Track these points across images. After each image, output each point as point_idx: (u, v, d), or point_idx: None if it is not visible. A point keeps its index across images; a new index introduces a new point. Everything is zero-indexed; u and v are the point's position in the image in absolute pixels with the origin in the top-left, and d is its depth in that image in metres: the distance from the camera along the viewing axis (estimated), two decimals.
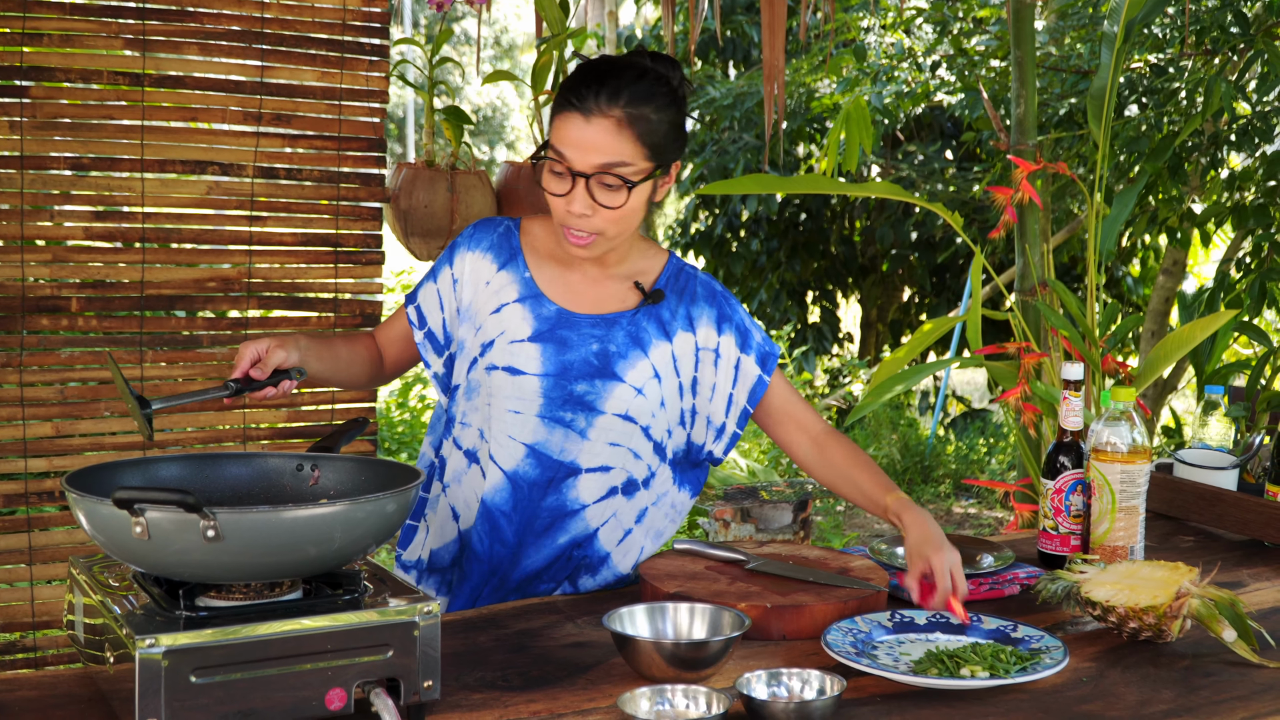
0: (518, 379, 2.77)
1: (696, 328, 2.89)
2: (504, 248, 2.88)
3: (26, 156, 4.10)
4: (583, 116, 2.65)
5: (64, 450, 4.23)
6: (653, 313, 2.86)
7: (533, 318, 2.81)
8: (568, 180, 2.67)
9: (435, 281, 2.92)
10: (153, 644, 1.81)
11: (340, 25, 4.46)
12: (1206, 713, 2.13)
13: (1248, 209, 6.88)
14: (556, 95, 2.72)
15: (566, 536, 2.82)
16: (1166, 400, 9.59)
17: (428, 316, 2.92)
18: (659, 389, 2.82)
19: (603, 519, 2.84)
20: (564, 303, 2.83)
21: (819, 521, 8.92)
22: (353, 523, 1.98)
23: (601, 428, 2.79)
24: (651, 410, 2.82)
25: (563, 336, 2.79)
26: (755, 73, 12.32)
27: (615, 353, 2.79)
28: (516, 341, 2.79)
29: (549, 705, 2.10)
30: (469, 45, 29.48)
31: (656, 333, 2.84)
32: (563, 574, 2.86)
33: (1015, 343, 3.89)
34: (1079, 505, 2.92)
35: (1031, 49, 5.10)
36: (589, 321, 2.82)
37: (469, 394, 2.85)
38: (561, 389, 2.77)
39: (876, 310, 13.98)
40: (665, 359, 2.84)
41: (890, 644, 2.39)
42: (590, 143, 2.65)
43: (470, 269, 2.88)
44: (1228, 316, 4.01)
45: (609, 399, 2.78)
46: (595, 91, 2.66)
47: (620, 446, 2.81)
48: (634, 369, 2.80)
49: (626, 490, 2.85)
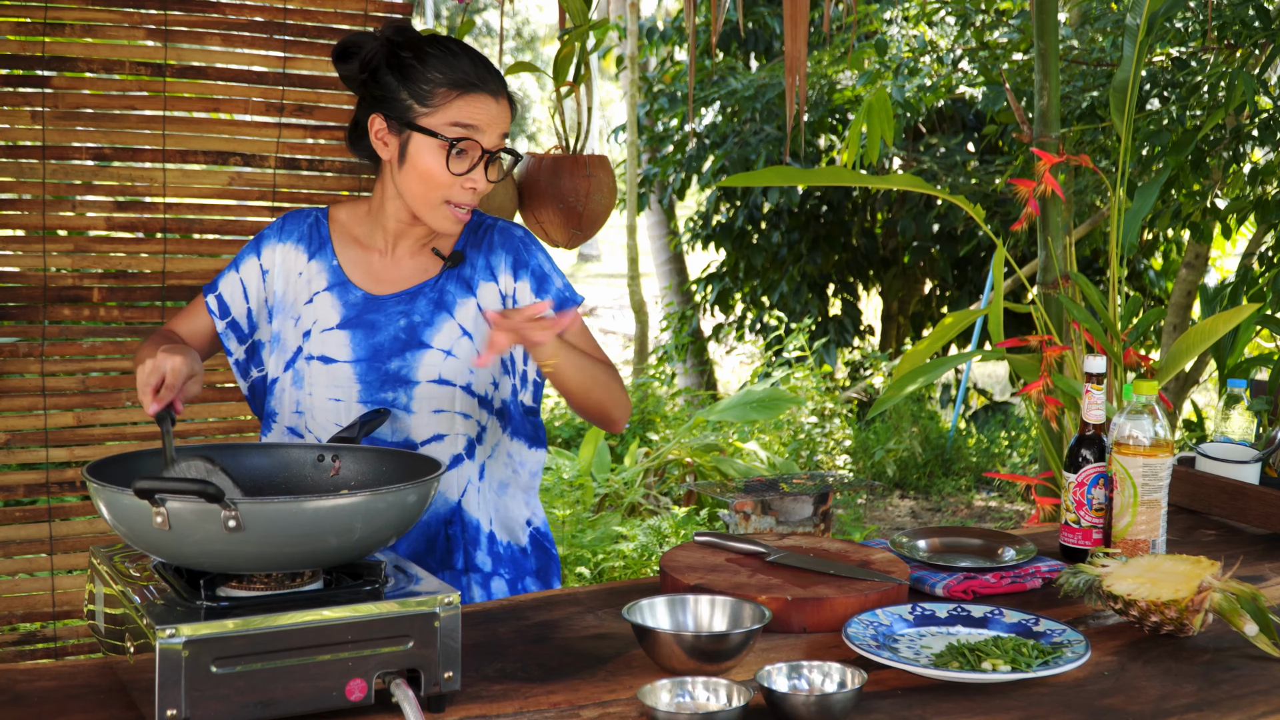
0: (331, 367, 2.82)
1: (498, 275, 2.92)
2: (314, 237, 2.93)
3: (48, 146, 4.11)
4: (493, 97, 2.77)
5: (85, 440, 4.23)
6: (454, 274, 2.90)
7: (341, 305, 2.86)
8: (473, 158, 2.75)
9: (238, 271, 2.94)
10: (173, 634, 1.82)
11: (362, 16, 4.46)
12: (1228, 707, 2.12)
13: (1270, 203, 6.86)
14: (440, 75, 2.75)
15: (431, 513, 2.85)
16: (1188, 394, 9.57)
17: (231, 306, 2.93)
18: (471, 345, 2.85)
19: (460, 489, 2.87)
20: (368, 287, 2.88)
21: (840, 514, 8.92)
22: (374, 514, 1.98)
23: (421, 398, 2.82)
24: (467, 367, 2.85)
25: (370, 320, 2.84)
26: (777, 64, 12.30)
27: (420, 322, 2.84)
28: (327, 330, 2.85)
29: (569, 696, 2.10)
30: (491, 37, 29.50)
31: (460, 291, 2.88)
32: (453, 556, 2.87)
33: (1037, 336, 3.88)
34: (1101, 499, 2.91)
35: (1054, 41, 5.08)
36: (393, 300, 2.87)
37: (298, 384, 2.87)
38: (376, 371, 2.81)
39: (898, 303, 13.95)
40: (472, 314, 2.87)
41: (911, 637, 2.38)
42: (500, 121, 2.78)
43: (280, 260, 2.92)
44: (1250, 310, 4.00)
45: (420, 368, 2.82)
46: (493, 74, 2.78)
47: (445, 412, 2.84)
48: (440, 333, 2.84)
49: (470, 453, 2.88)
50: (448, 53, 2.76)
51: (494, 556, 2.91)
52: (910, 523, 9.23)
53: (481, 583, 2.89)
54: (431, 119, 2.73)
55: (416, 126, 2.74)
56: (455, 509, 2.87)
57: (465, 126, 2.73)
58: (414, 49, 2.77)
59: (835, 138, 12.46)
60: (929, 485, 10.21)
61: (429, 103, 2.74)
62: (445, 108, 2.73)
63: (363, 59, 2.82)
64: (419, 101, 2.74)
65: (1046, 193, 3.98)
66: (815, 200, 12.88)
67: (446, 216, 2.79)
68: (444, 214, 2.79)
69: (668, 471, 9.00)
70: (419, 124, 2.74)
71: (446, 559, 2.87)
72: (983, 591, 2.69)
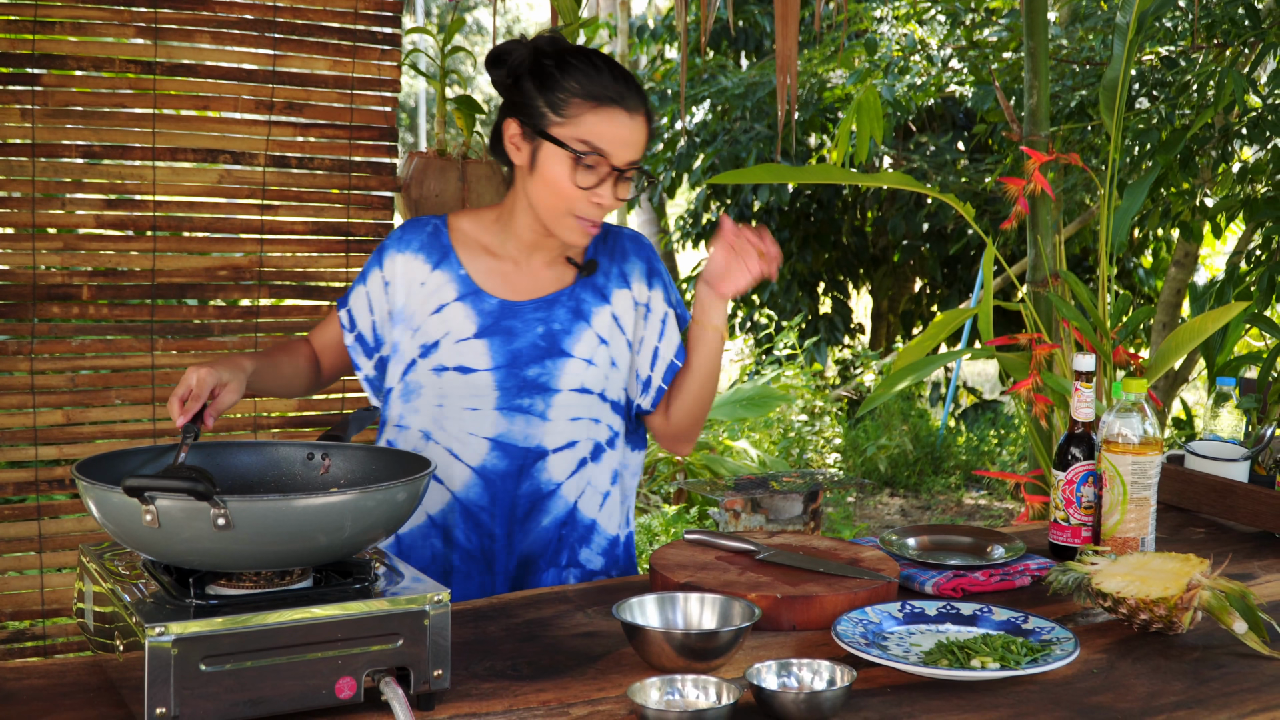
0: (469, 377, 2.81)
1: (631, 282, 2.94)
2: (435, 247, 2.91)
3: (38, 144, 4.10)
4: (628, 113, 2.73)
5: (74, 438, 4.23)
6: (588, 282, 2.91)
7: (476, 314, 2.85)
8: (600, 174, 2.73)
9: (365, 284, 2.93)
10: (162, 632, 1.81)
11: (352, 14, 4.46)
12: (1217, 705, 2.12)
13: (1258, 201, 6.86)
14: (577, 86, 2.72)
15: (549, 518, 2.86)
16: (1178, 392, 9.58)
17: (358, 319, 2.94)
18: (608, 352, 2.88)
19: (579, 491, 2.88)
20: (503, 294, 2.87)
21: (829, 512, 8.92)
22: (363, 511, 1.98)
23: (560, 405, 2.83)
24: (605, 374, 2.87)
25: (508, 327, 2.84)
26: (768, 63, 12.31)
27: (560, 330, 2.85)
28: (463, 340, 2.83)
29: (559, 695, 2.10)
30: (481, 34, 29.47)
31: (595, 300, 2.89)
32: (561, 554, 2.89)
33: (1027, 334, 3.89)
34: (1090, 497, 2.91)
35: (1044, 40, 5.08)
36: (530, 307, 2.86)
37: (406, 396, 2.87)
38: (514, 378, 2.81)
39: (888, 301, 13.97)
40: (607, 322, 2.89)
41: (901, 635, 2.38)
42: (633, 140, 2.74)
43: (402, 270, 2.90)
44: (1239, 308, 4.01)
45: (562, 376, 2.83)
46: (634, 89, 2.75)
47: (581, 419, 2.86)
48: (580, 342, 2.85)
49: (595, 456, 2.90)
50: (589, 65, 2.74)
51: (600, 555, 2.93)
52: (900, 521, 9.23)
53: (584, 579, 2.92)
54: (562, 129, 2.72)
55: (547, 135, 2.72)
56: (571, 510, 2.89)
57: (594, 142, 2.71)
58: (557, 58, 2.76)
59: (825, 136, 12.47)
60: (919, 483, 10.22)
61: (562, 112, 2.72)
62: (578, 120, 2.71)
63: (510, 65, 2.80)
64: (553, 110, 2.72)
65: (1036, 191, 4.00)
66: (805, 199, 12.89)
67: (573, 229, 2.78)
68: (570, 226, 2.78)
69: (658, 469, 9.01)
70: (549, 132, 2.72)
71: (554, 558, 2.90)
72: (972, 589, 2.69)
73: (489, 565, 2.86)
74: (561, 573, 2.89)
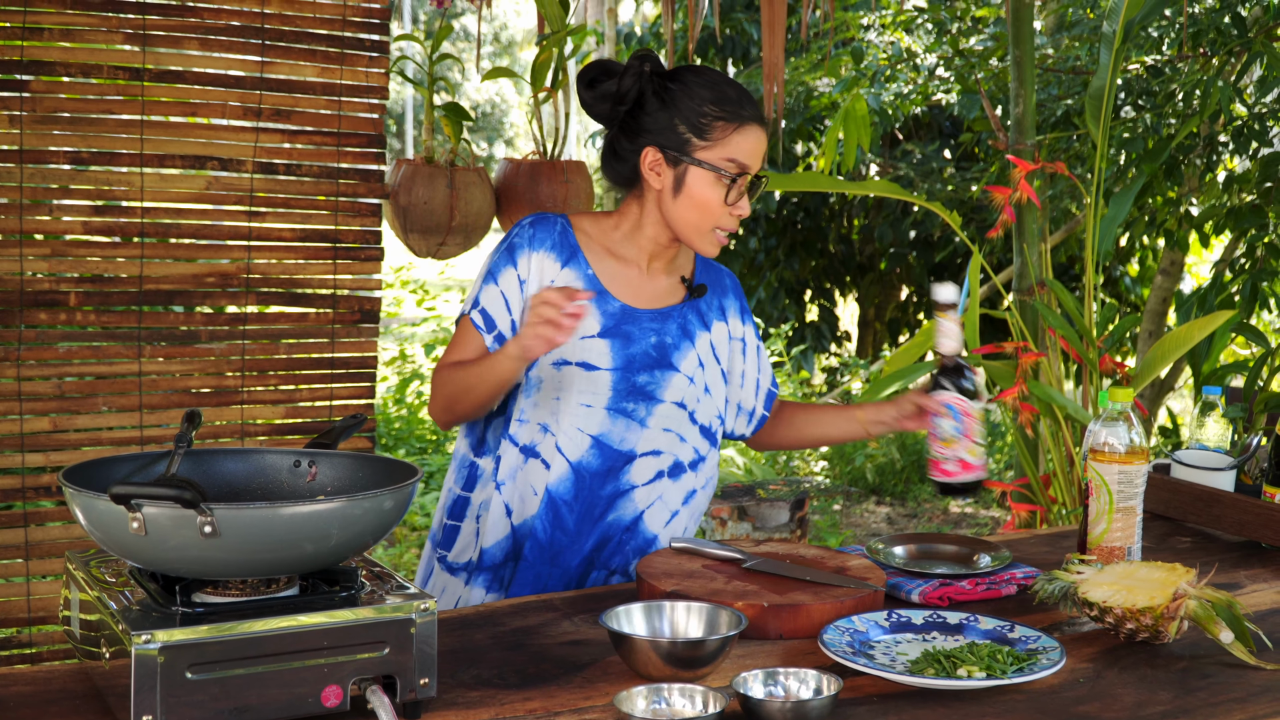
0: (591, 374, 2.87)
1: (728, 317, 3.09)
2: (564, 246, 2.94)
3: (26, 151, 4.10)
4: (761, 127, 2.87)
5: (61, 445, 4.22)
6: (694, 304, 3.02)
7: (599, 314, 2.91)
8: (742, 187, 2.84)
9: (497, 283, 2.92)
10: (149, 640, 1.81)
11: (340, 21, 4.46)
12: (1203, 714, 2.13)
13: (1243, 210, 6.88)
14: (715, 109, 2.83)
15: (616, 519, 2.91)
16: (1164, 401, 9.59)
17: (496, 319, 2.92)
18: (704, 376, 2.98)
19: (649, 501, 2.94)
20: (625, 298, 2.95)
21: (816, 520, 8.93)
22: (350, 520, 1.98)
23: (659, 415, 2.92)
24: (698, 396, 2.97)
25: (626, 331, 2.91)
26: (755, 71, 12.31)
27: (670, 344, 2.94)
28: (588, 337, 2.88)
29: (545, 703, 2.10)
30: (469, 42, 29.50)
31: (698, 324, 3.01)
32: (614, 558, 2.93)
33: (1013, 342, 3.90)
34: (948, 430, 2.93)
35: (1030, 49, 5.10)
36: (648, 316, 2.94)
37: (527, 391, 2.89)
38: (627, 381, 2.89)
39: (874, 309, 13.98)
40: (706, 348, 3.01)
41: (887, 644, 2.38)
42: (763, 148, 2.89)
43: (536, 268, 2.92)
44: (1225, 317, 4.02)
45: (667, 388, 2.92)
46: (752, 100, 2.88)
47: (671, 432, 2.94)
48: (685, 359, 2.95)
49: (673, 473, 2.96)
50: (713, 84, 2.84)
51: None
52: (886, 529, 9.23)
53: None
54: (710, 153, 2.81)
55: (696, 161, 2.81)
56: (637, 518, 2.94)
57: (740, 159, 2.82)
58: (678, 79, 2.85)
59: (812, 144, 12.47)
60: (905, 491, 10.22)
61: (708, 136, 2.81)
62: (724, 142, 2.81)
63: (620, 91, 2.86)
64: (697, 135, 2.82)
65: (1022, 200, 4.01)
66: (792, 206, 12.90)
67: (713, 241, 2.89)
68: (712, 239, 2.88)
69: None
70: (697, 157, 2.81)
71: (607, 560, 2.94)
72: (958, 598, 2.69)
73: (554, 559, 2.90)
74: (608, 576, 2.95)
